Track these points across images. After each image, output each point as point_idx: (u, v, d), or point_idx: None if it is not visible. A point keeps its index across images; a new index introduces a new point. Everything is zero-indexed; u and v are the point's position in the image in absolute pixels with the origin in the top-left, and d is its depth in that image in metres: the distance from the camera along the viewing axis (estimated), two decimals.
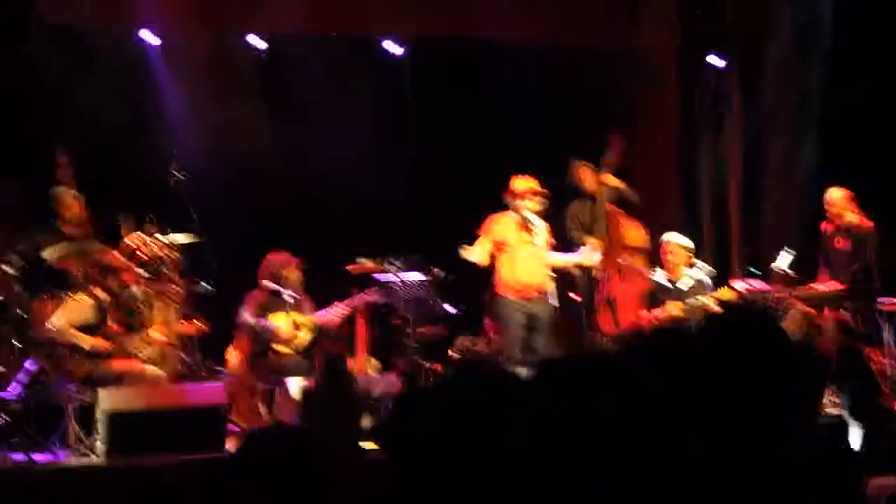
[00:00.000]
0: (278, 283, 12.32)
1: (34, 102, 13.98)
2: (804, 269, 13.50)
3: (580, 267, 14.31)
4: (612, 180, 14.41)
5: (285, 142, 15.21)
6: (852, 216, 13.40)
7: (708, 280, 13.26)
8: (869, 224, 13.34)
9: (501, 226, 12.72)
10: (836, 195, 13.45)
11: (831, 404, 11.79)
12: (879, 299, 13.23)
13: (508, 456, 2.90)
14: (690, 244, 13.51)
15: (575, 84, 16.21)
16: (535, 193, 12.74)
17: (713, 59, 16.77)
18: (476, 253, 12.71)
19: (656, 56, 16.76)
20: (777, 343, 3.41)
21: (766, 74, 16.42)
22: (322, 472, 3.08)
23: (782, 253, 13.15)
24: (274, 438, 3.21)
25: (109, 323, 11.52)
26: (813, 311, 11.54)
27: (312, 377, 11.44)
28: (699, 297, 12.96)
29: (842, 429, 11.07)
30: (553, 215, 13.43)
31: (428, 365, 11.11)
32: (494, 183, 13.32)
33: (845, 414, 11.19)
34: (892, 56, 15.00)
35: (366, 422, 10.58)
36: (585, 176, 14.41)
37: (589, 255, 13.50)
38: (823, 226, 13.55)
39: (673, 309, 12.92)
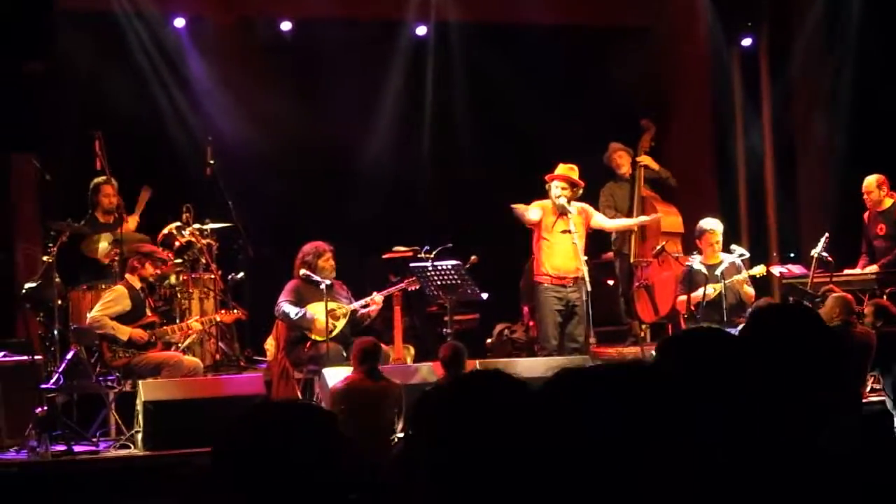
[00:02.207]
0: (314, 272, 12.26)
1: (69, 91, 13.91)
2: (843, 255, 13.46)
3: (618, 253, 14.33)
4: (650, 162, 14.39)
5: (317, 128, 15.08)
6: (889, 200, 13.40)
7: (741, 263, 13.18)
8: None
9: (542, 210, 12.64)
10: (871, 181, 13.45)
11: (874, 392, 11.79)
12: None
13: (516, 462, 2.87)
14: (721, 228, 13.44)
15: (606, 65, 16.13)
16: (561, 179, 12.61)
17: (745, 41, 16.63)
18: (532, 211, 12.64)
19: (688, 36, 16.64)
20: (816, 338, 3.37)
21: (796, 55, 16.30)
22: (336, 453, 3.02)
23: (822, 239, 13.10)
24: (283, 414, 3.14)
25: (148, 312, 11.50)
26: (851, 296, 11.46)
27: (349, 366, 11.36)
28: (734, 277, 12.91)
29: (886, 416, 11.06)
30: (589, 198, 13.30)
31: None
32: (526, 167, 13.27)
33: (889, 401, 11.18)
34: None
35: (398, 416, 10.47)
36: (622, 160, 14.40)
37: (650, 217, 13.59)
38: (866, 214, 13.53)
39: (709, 290, 12.84)
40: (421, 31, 16.08)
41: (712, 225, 13.23)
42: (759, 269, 13.14)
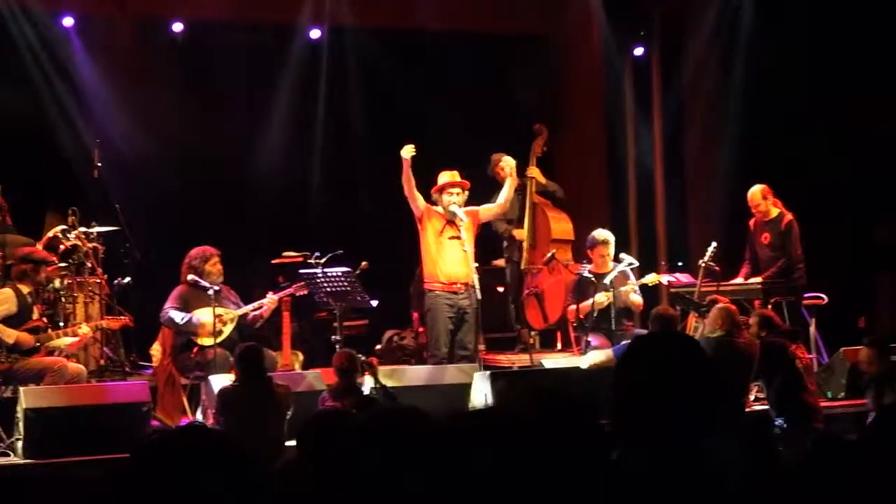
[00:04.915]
0: (201, 277, 12.15)
1: None
2: (730, 264, 13.61)
3: (508, 260, 14.37)
4: (538, 176, 14.45)
5: (208, 131, 14.90)
6: (774, 210, 13.56)
7: (630, 272, 13.27)
8: (789, 217, 13.47)
9: (429, 220, 12.63)
10: (755, 193, 13.59)
11: (758, 401, 11.92)
12: (805, 294, 13.43)
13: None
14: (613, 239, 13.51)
15: (503, 73, 16.17)
16: (455, 185, 12.63)
17: (637, 50, 16.75)
18: (419, 199, 12.57)
19: (582, 45, 16.72)
20: (688, 364, 3.42)
21: (687, 66, 16.46)
22: (232, 473, 3.01)
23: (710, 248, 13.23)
24: (178, 440, 3.11)
25: (34, 317, 11.31)
26: (735, 307, 11.58)
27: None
28: (623, 287, 12.99)
29: (766, 424, 11.20)
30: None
31: (364, 358, 10.94)
32: (419, 173, 13.25)
33: (770, 410, 11.30)
34: (812, 50, 15.08)
35: (286, 419, 10.36)
36: (504, 173, 14.41)
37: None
38: (752, 221, 13.68)
39: (599, 299, 12.89)
40: (315, 34, 15.98)
41: (605, 236, 13.22)
42: (652, 278, 13.26)
